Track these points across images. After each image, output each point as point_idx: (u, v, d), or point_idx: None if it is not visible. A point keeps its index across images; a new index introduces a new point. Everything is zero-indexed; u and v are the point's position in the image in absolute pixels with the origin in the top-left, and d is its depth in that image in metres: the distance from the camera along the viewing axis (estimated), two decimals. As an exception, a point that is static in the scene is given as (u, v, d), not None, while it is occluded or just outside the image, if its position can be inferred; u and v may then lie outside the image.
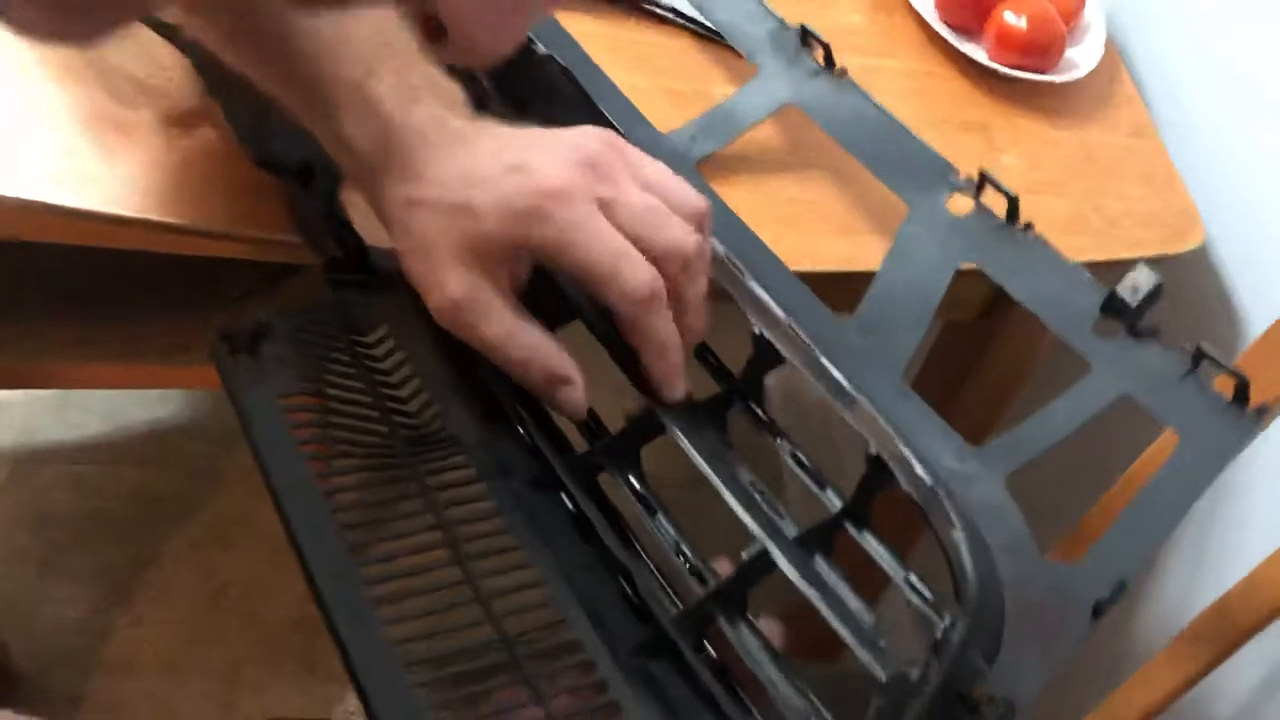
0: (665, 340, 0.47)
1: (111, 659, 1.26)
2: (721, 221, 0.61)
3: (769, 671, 0.42)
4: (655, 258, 0.46)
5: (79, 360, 0.82)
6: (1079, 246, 0.65)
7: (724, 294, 0.54)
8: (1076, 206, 0.74)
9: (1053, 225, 0.62)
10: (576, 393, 0.48)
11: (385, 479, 0.44)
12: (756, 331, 0.50)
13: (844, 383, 0.51)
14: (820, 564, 0.45)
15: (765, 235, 0.62)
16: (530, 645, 0.39)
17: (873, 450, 0.45)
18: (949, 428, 0.56)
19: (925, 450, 0.54)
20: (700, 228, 0.49)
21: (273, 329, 0.48)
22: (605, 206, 0.45)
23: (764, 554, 0.43)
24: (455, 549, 0.42)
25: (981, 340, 0.81)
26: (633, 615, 0.43)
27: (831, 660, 0.49)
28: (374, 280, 0.54)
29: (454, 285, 0.46)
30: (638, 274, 0.45)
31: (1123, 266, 0.57)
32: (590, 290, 0.47)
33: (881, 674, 0.40)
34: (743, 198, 0.66)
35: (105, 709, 1.23)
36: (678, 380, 0.48)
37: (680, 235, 0.47)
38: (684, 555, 0.45)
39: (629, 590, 0.43)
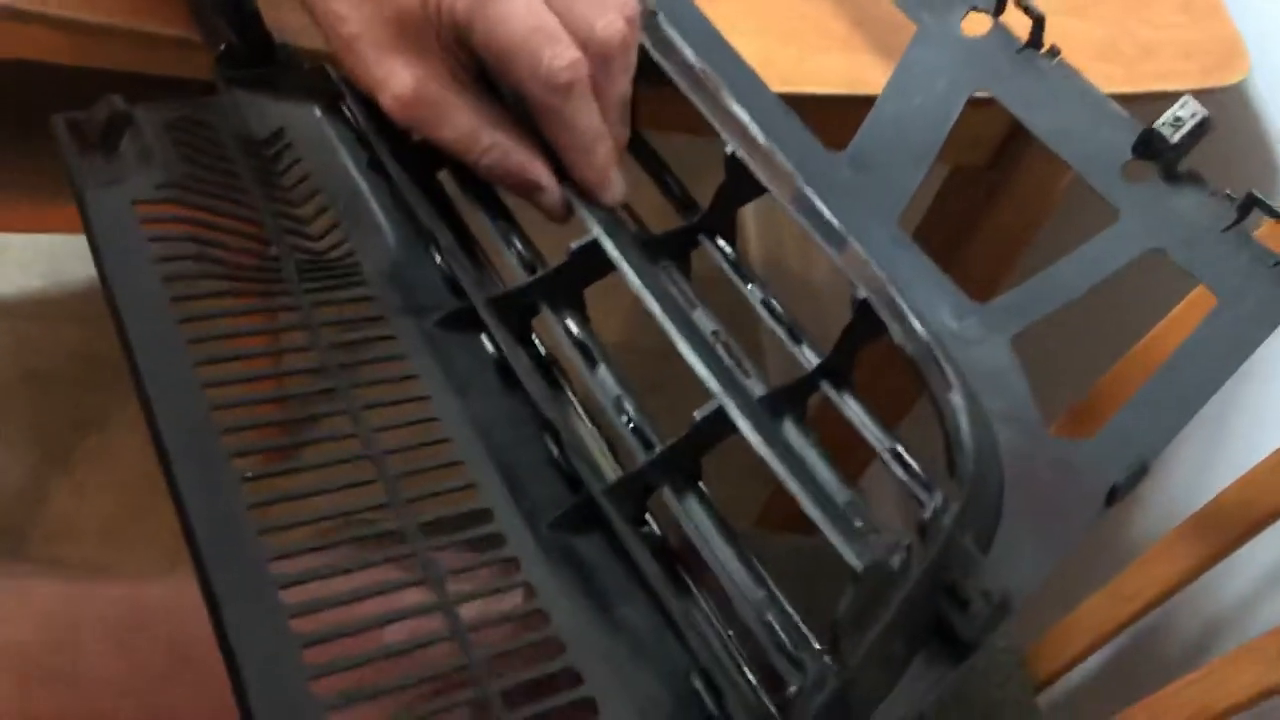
0: (590, 130, 0.41)
1: (51, 526, 1.19)
2: (696, 31, 0.52)
3: (720, 551, 0.34)
4: (578, 43, 0.40)
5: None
6: (1107, 76, 0.57)
7: (691, 117, 0.45)
8: (1107, 32, 0.65)
9: (1079, 52, 0.53)
10: (550, 197, 0.42)
11: (261, 309, 0.36)
12: (729, 152, 0.41)
13: (832, 220, 0.43)
14: (789, 428, 0.37)
15: (755, 50, 0.53)
16: (428, 513, 0.32)
17: (860, 294, 0.37)
18: (948, 281, 0.48)
19: (920, 305, 0.47)
20: (629, 21, 0.42)
21: (137, 122, 0.40)
22: None
23: (719, 412, 0.35)
24: (342, 397, 0.34)
25: (991, 189, 0.72)
26: (561, 482, 0.35)
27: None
28: (278, 80, 0.45)
29: (400, 80, 0.41)
30: (559, 54, 0.39)
31: (1155, 102, 0.49)
32: (508, 78, 0.40)
33: (856, 561, 0.32)
34: (730, 6, 0.57)
35: (42, 575, 1.16)
36: (610, 177, 0.43)
37: (607, 21, 0.40)
38: (627, 414, 0.37)
39: (556, 451, 0.35)
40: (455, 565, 0.30)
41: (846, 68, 0.59)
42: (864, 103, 0.58)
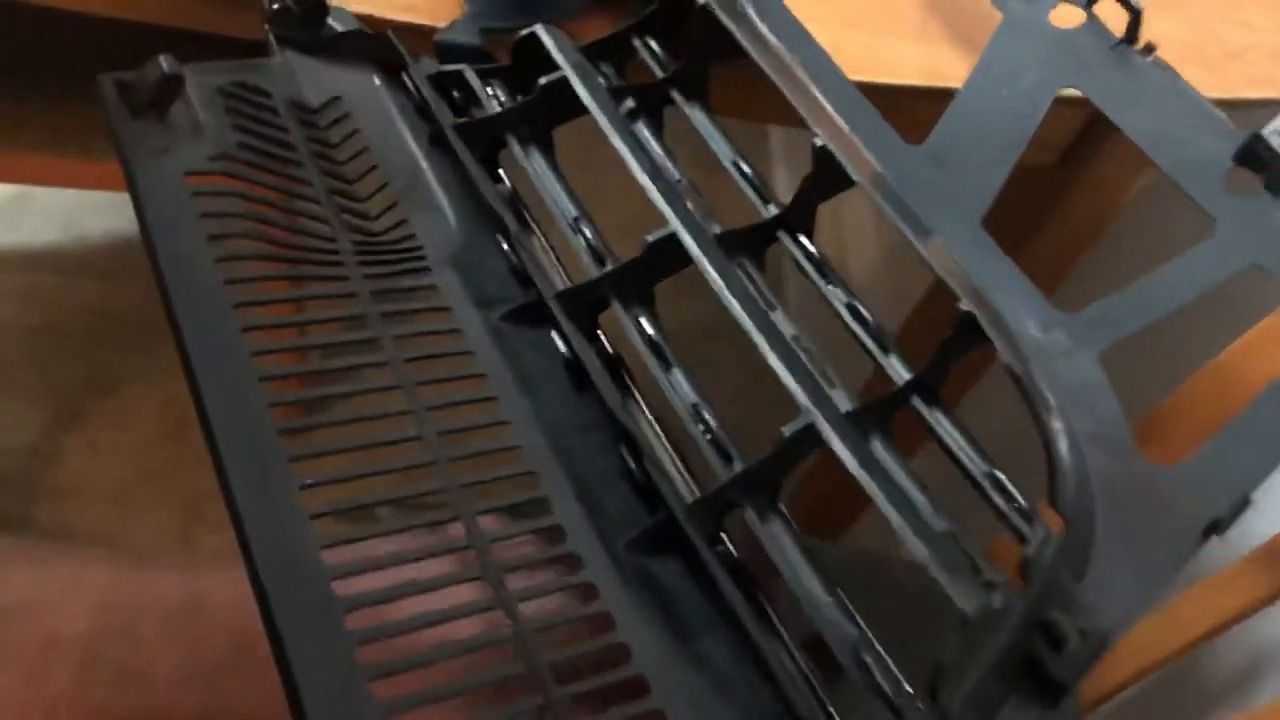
0: None
1: (62, 485, 1.17)
2: (775, 16, 0.49)
3: (808, 582, 0.32)
4: None
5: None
6: (1192, 79, 0.54)
7: (767, 105, 0.42)
8: (1193, 33, 0.62)
9: (1165, 52, 0.50)
10: None
11: (320, 293, 0.33)
12: (819, 144, 0.38)
13: (923, 220, 0.40)
14: (879, 447, 0.35)
15: (825, 36, 0.50)
16: (497, 528, 0.29)
17: (964, 305, 0.34)
18: (1034, 288, 0.45)
19: (1006, 314, 0.44)
20: None
21: (188, 86, 0.37)
22: None
23: (809, 429, 0.32)
24: (406, 394, 0.31)
25: (1058, 189, 0.69)
26: (636, 497, 0.33)
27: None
28: (335, 44, 0.43)
29: None
30: None
31: (1242, 109, 0.46)
32: None
33: (967, 605, 0.30)
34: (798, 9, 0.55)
35: (52, 535, 1.15)
36: None
37: None
38: (705, 424, 0.35)
39: (632, 463, 0.33)
40: (522, 587, 0.28)
41: (921, 57, 0.56)
42: (938, 95, 0.55)
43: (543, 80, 0.41)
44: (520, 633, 0.27)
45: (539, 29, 0.42)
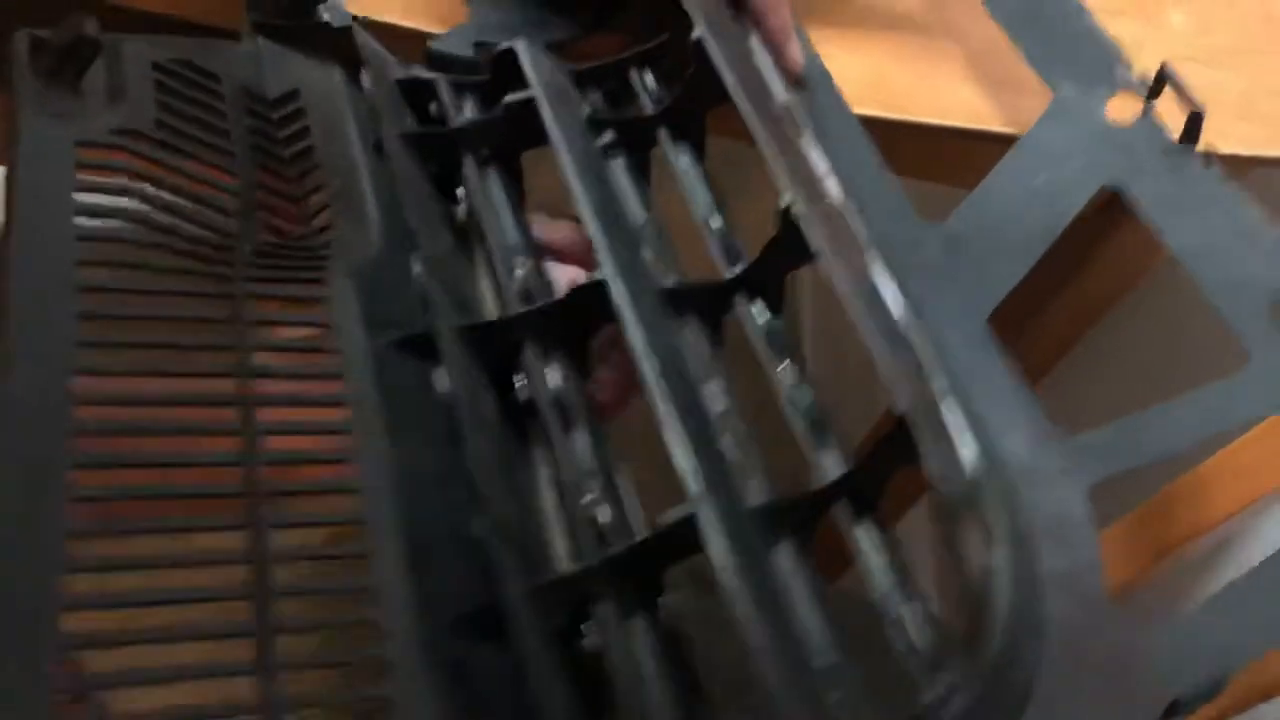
0: None
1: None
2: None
3: (659, 696, 0.27)
4: None
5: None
6: (1245, 136, 0.49)
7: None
8: (1249, 86, 0.56)
9: (1218, 104, 0.46)
10: None
11: (188, 288, 0.30)
12: (784, 205, 0.34)
13: (894, 309, 0.36)
14: (783, 554, 0.30)
15: (866, 69, 0.47)
16: (297, 574, 0.26)
17: (899, 408, 0.30)
18: (1033, 402, 0.40)
19: (991, 425, 0.39)
20: None
21: (117, 56, 0.35)
22: None
23: (690, 521, 0.28)
24: (239, 412, 0.28)
25: (1072, 265, 0.64)
26: (485, 571, 0.29)
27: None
28: (309, 36, 0.40)
29: None
30: None
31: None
32: None
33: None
34: (846, 21, 0.51)
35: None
36: (798, 44, 0.44)
37: None
38: (589, 499, 0.31)
39: (476, 529, 0.29)
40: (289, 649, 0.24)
41: (964, 99, 0.51)
42: (978, 138, 0.50)
43: (507, 98, 0.38)
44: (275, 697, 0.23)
45: (518, 44, 0.39)
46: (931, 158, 0.56)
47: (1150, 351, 0.73)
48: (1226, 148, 0.52)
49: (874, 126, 0.50)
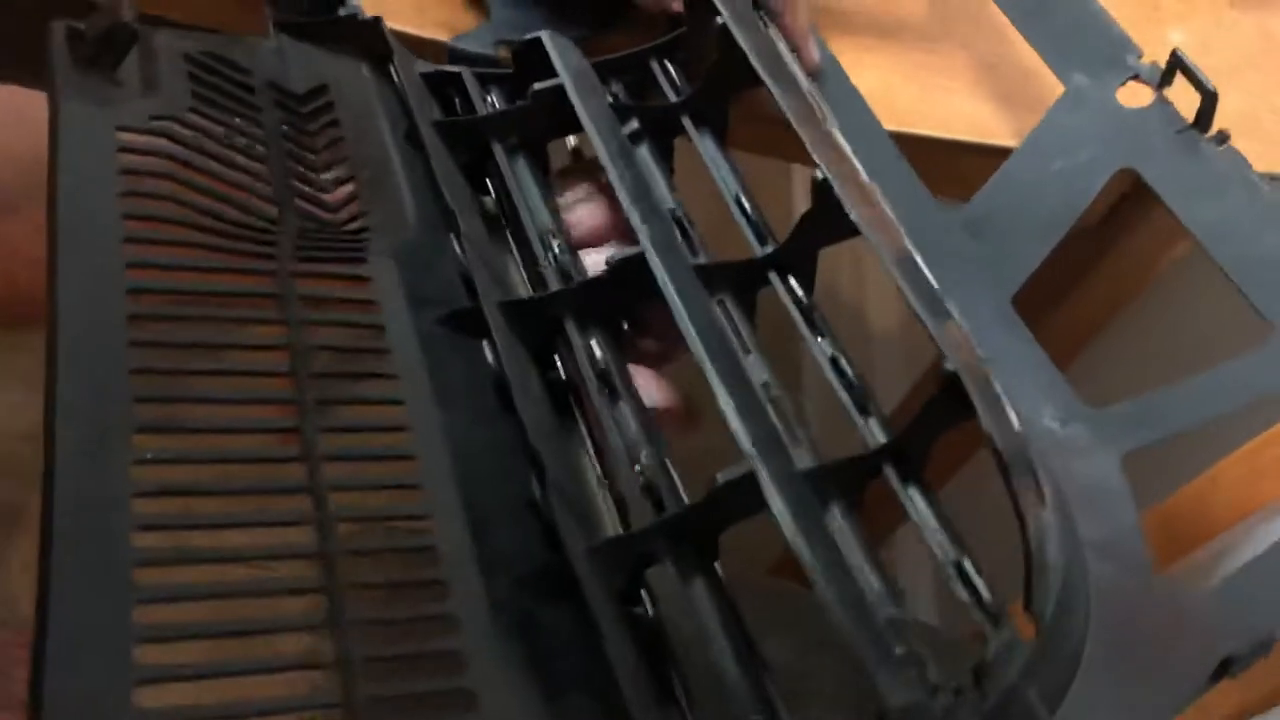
0: None
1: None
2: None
3: (721, 656, 0.27)
4: None
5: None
6: (1246, 152, 0.50)
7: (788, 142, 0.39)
8: (1249, 104, 0.57)
9: (1219, 121, 0.46)
10: None
11: (237, 276, 0.30)
12: (820, 177, 0.35)
13: (932, 283, 0.36)
14: (835, 515, 0.30)
15: (874, 82, 0.48)
16: (359, 540, 0.26)
17: (949, 365, 0.30)
18: (1060, 377, 0.41)
19: (1021, 399, 0.39)
20: None
21: (151, 43, 0.35)
22: None
23: (749, 479, 0.28)
24: (299, 384, 0.28)
25: (1091, 252, 0.64)
26: (543, 533, 0.29)
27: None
28: (333, 32, 0.40)
29: None
30: None
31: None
32: None
33: (888, 697, 0.25)
34: (855, 35, 0.52)
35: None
36: (813, 41, 0.45)
37: None
38: (641, 465, 0.31)
39: (539, 493, 0.29)
40: (364, 605, 0.24)
41: (970, 113, 0.52)
42: (983, 152, 0.51)
43: (536, 86, 0.38)
44: (346, 653, 0.23)
45: (544, 34, 0.39)
46: (939, 171, 0.56)
47: (1173, 336, 0.73)
48: None
49: None
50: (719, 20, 0.39)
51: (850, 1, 0.55)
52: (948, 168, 0.56)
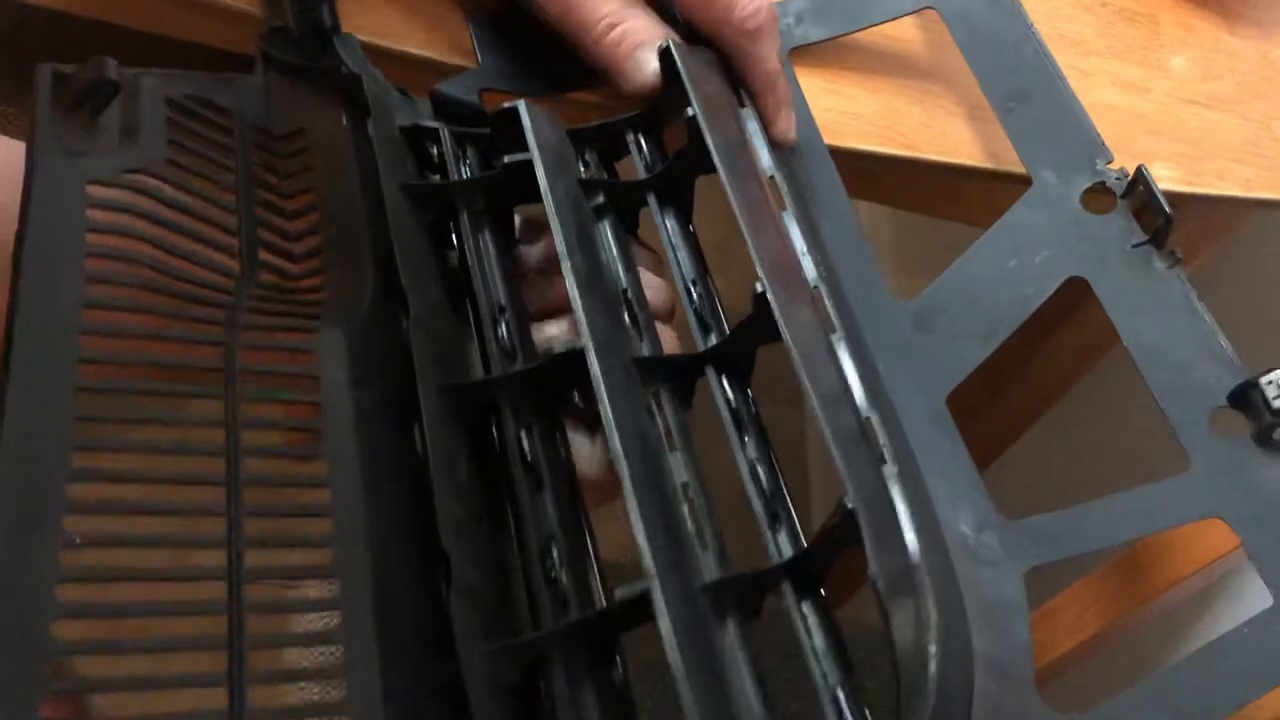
0: (775, 70, 0.46)
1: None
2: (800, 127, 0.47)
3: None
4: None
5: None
6: (1249, 179, 0.51)
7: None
8: (1251, 131, 0.58)
9: (1221, 148, 0.47)
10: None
11: (184, 348, 0.32)
12: (759, 290, 0.36)
13: (857, 395, 0.38)
14: (729, 631, 0.32)
15: (879, 106, 0.51)
16: (267, 636, 0.27)
17: (848, 503, 0.32)
18: (980, 484, 0.42)
19: (940, 504, 0.41)
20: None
21: (136, 92, 0.36)
22: None
23: (645, 598, 0.30)
24: (230, 469, 0.30)
25: (1037, 343, 0.66)
26: (446, 634, 0.31)
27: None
28: (321, 75, 0.41)
29: None
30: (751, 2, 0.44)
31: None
32: (703, 23, 0.45)
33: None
34: (861, 60, 0.53)
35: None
36: (786, 112, 0.46)
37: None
38: (551, 562, 0.33)
39: (445, 590, 0.31)
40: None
41: (975, 137, 0.53)
42: (986, 177, 0.52)
43: (507, 159, 0.39)
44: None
45: (520, 105, 0.40)
46: (943, 194, 0.57)
47: (1103, 435, 0.75)
48: (1229, 190, 0.54)
49: (891, 165, 0.52)
50: (689, 112, 0.40)
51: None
52: (951, 191, 0.58)
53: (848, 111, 0.53)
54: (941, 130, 0.53)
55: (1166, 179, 0.54)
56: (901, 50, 0.56)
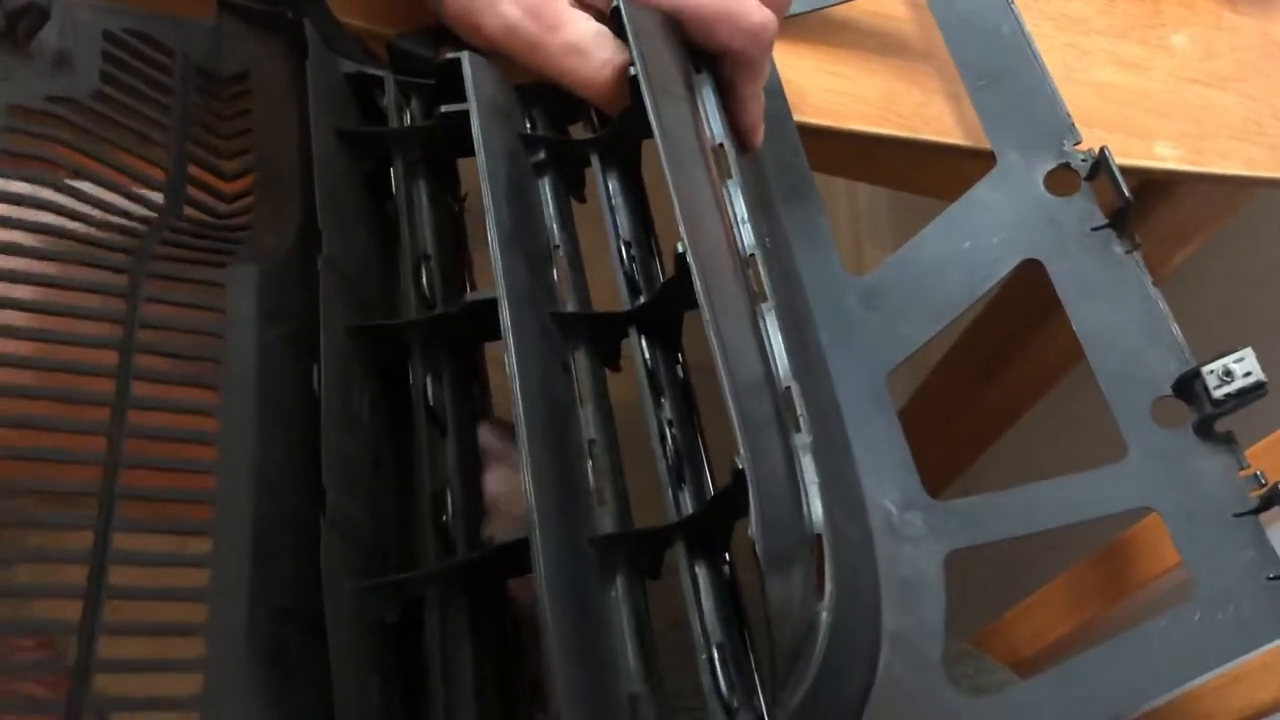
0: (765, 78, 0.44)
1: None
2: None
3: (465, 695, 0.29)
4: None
5: None
6: (1250, 158, 0.50)
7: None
8: (1252, 109, 0.57)
9: (1223, 126, 0.46)
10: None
11: (88, 269, 0.32)
12: (680, 250, 0.36)
13: (779, 362, 0.37)
14: (617, 587, 0.32)
15: (877, 88, 0.51)
16: (135, 553, 0.28)
17: (739, 463, 0.31)
18: (910, 463, 0.42)
19: (867, 480, 0.41)
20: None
21: (73, 22, 0.36)
22: None
23: (523, 545, 0.30)
24: (120, 389, 0.30)
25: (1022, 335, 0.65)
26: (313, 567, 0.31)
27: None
28: (275, 21, 0.41)
29: None
30: (757, 11, 0.42)
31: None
32: (710, 40, 0.42)
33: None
34: (859, 43, 0.53)
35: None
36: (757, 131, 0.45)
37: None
38: (446, 507, 0.33)
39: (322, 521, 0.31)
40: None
41: (971, 118, 0.52)
42: (981, 156, 0.51)
43: (444, 108, 0.39)
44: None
45: (464, 56, 0.40)
46: (941, 175, 0.57)
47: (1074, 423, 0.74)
48: (1233, 169, 0.53)
49: (890, 146, 0.52)
50: (630, 71, 0.39)
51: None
52: (950, 171, 0.57)
53: (845, 93, 0.52)
54: (940, 111, 0.53)
55: (1170, 159, 0.53)
56: (897, 30, 0.56)
